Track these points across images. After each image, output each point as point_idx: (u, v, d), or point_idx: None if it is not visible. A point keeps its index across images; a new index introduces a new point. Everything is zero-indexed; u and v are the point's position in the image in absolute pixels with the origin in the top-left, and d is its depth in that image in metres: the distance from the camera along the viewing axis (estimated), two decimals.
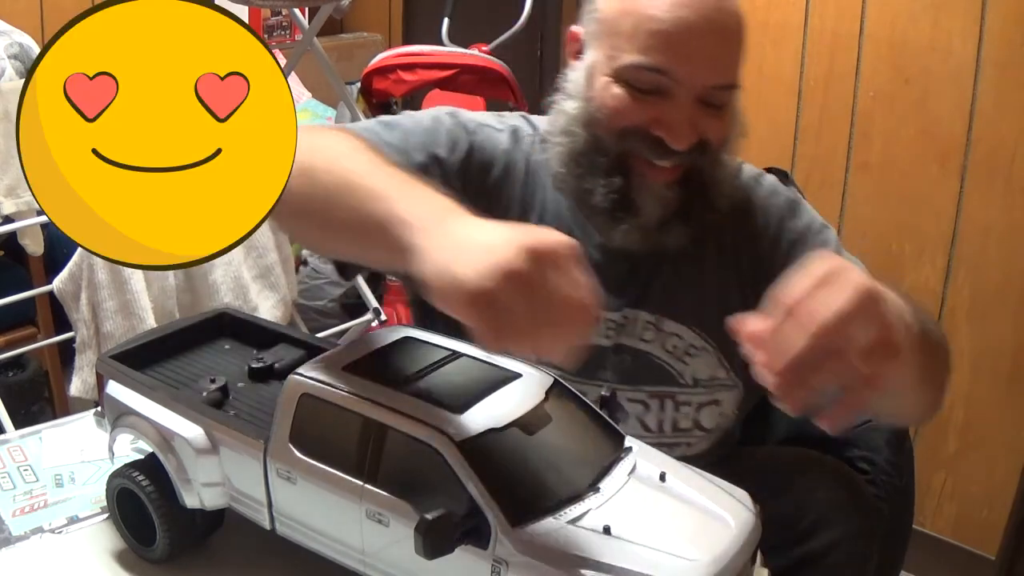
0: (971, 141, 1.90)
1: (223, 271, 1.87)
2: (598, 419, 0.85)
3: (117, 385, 0.95)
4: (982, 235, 1.93)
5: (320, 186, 0.89)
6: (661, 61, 1.02)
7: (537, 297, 0.69)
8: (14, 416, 1.65)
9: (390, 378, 0.81)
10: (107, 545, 0.95)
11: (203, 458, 0.88)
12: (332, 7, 2.04)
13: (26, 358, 2.37)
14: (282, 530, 0.86)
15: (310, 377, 0.82)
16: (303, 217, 0.91)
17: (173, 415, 0.90)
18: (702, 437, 1.16)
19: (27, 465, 1.11)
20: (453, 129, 1.14)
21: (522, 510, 0.73)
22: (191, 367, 1.01)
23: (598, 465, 0.80)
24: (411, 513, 0.74)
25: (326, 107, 3.21)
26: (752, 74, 2.18)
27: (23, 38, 1.86)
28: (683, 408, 1.15)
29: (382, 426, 0.77)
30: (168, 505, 0.89)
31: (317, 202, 0.89)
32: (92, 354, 1.76)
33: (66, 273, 1.77)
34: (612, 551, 0.71)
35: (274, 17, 3.46)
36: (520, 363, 0.86)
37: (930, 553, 2.01)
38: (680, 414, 1.15)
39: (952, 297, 1.98)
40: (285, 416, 0.83)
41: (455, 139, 1.13)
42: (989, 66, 1.86)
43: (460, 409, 0.77)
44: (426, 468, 0.75)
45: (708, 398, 1.15)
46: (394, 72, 2.69)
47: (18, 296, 1.84)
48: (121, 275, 1.72)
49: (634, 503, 0.77)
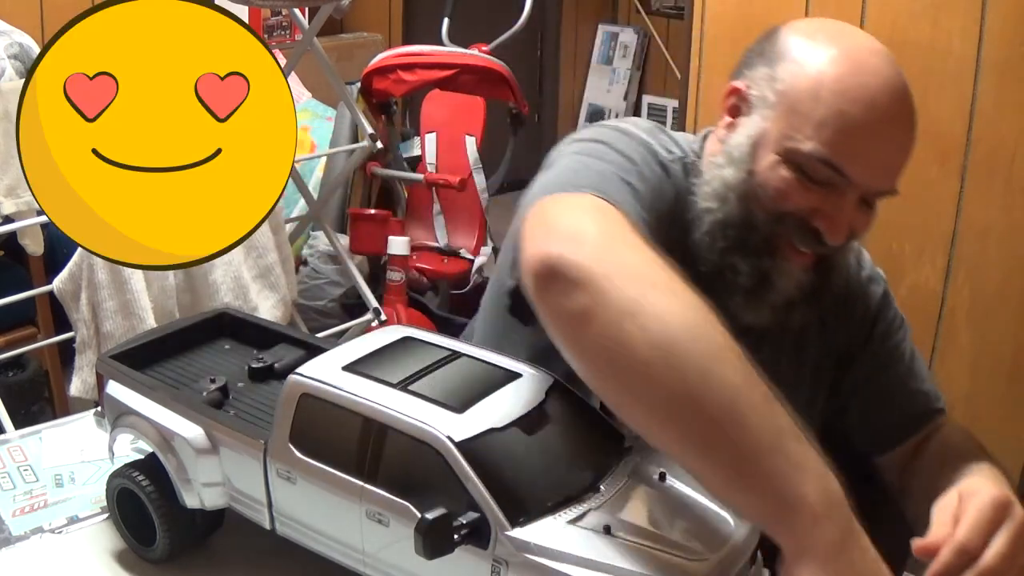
0: (971, 141, 1.90)
1: (223, 271, 1.87)
2: (598, 419, 0.85)
3: (117, 385, 0.95)
4: (982, 235, 1.93)
5: (687, 391, 0.73)
6: (843, 161, 0.99)
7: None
8: (14, 416, 1.65)
9: (390, 378, 0.81)
10: (107, 545, 0.95)
11: (203, 458, 0.88)
12: (332, 7, 2.04)
13: (26, 358, 2.37)
14: (282, 530, 0.86)
15: (310, 377, 0.82)
16: (655, 409, 0.75)
17: (173, 415, 0.90)
18: None
19: (27, 465, 1.11)
20: (654, 181, 1.06)
21: (522, 510, 0.73)
22: (191, 367, 1.01)
23: (598, 465, 0.80)
24: (411, 513, 0.74)
25: (326, 107, 3.21)
26: None
27: (23, 38, 1.86)
28: None
29: (382, 426, 0.77)
30: (168, 505, 0.89)
31: (681, 407, 0.73)
32: (92, 354, 1.76)
33: (66, 273, 1.77)
34: (612, 551, 0.71)
35: (274, 17, 3.46)
36: (520, 363, 0.86)
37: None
38: None
39: (952, 297, 1.98)
40: (285, 416, 0.83)
41: (660, 189, 1.06)
42: (989, 66, 1.86)
43: (460, 409, 0.77)
44: (426, 468, 0.75)
45: None
46: (394, 72, 2.69)
47: (18, 296, 1.84)
48: (121, 275, 1.72)
49: (634, 503, 0.77)
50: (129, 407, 0.93)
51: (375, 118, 2.79)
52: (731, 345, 0.75)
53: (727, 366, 0.73)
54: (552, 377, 0.85)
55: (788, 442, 0.71)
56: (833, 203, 1.01)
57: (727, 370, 0.73)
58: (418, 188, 3.03)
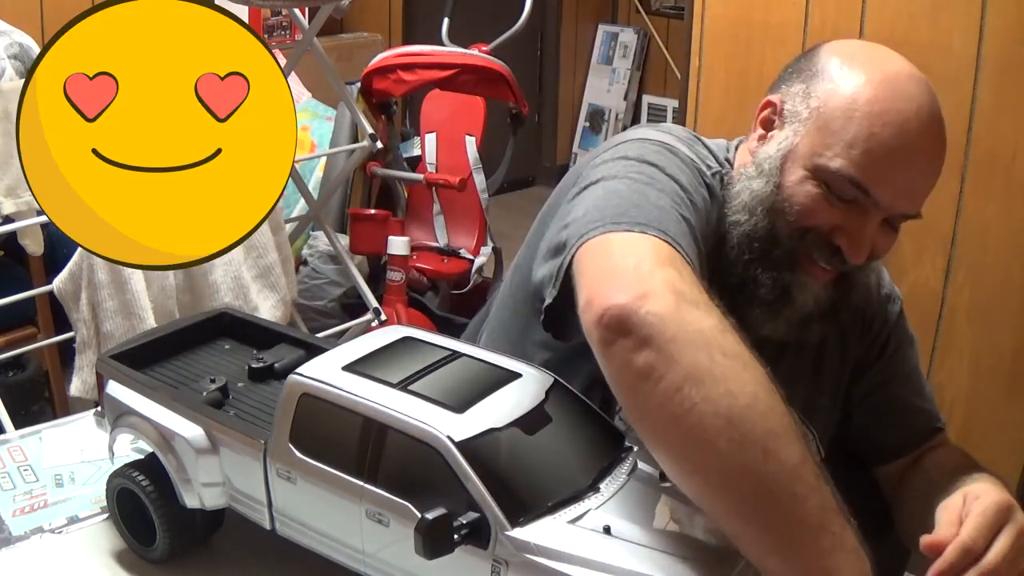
0: (971, 141, 1.90)
1: (223, 271, 1.87)
2: (598, 419, 0.85)
3: (117, 385, 0.95)
4: (982, 235, 1.93)
5: (748, 465, 0.74)
6: (871, 182, 1.00)
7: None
8: (14, 416, 1.65)
9: (390, 378, 0.81)
10: (107, 545, 0.95)
11: (203, 458, 0.88)
12: (332, 7, 2.04)
13: (26, 358, 2.37)
14: (282, 530, 0.86)
15: (310, 377, 0.82)
16: (711, 476, 0.75)
17: (173, 415, 0.90)
18: None
19: (27, 465, 1.11)
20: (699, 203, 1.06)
21: (522, 510, 0.73)
22: (191, 367, 1.01)
23: (598, 465, 0.80)
24: (411, 513, 0.74)
25: (326, 107, 3.21)
26: (752, 74, 2.18)
27: (23, 38, 1.86)
28: None
29: (382, 426, 0.77)
30: (168, 505, 0.89)
31: (740, 479, 0.74)
32: (92, 354, 1.76)
33: (66, 273, 1.77)
34: (612, 551, 0.71)
35: (274, 17, 3.46)
36: (520, 363, 0.86)
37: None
38: None
39: (952, 297, 1.98)
40: (285, 416, 0.83)
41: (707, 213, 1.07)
42: (989, 66, 1.86)
43: (460, 409, 0.77)
44: (426, 468, 0.75)
45: None
46: (394, 72, 2.69)
47: (18, 296, 1.84)
48: (121, 275, 1.72)
49: (634, 503, 0.77)
50: (129, 407, 0.93)
51: (375, 118, 2.79)
52: (791, 423, 0.76)
53: (788, 445, 0.75)
54: (552, 377, 0.85)
55: (833, 522, 0.74)
56: (856, 222, 1.02)
57: (788, 449, 0.74)
58: (418, 188, 3.03)
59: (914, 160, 1.01)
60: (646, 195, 0.97)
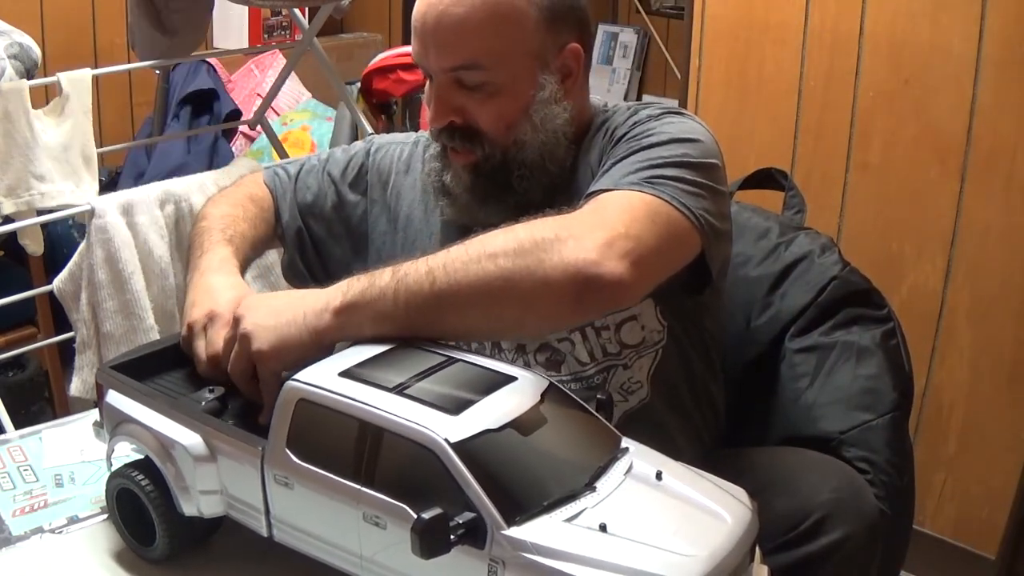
0: (971, 141, 1.90)
1: None
2: (594, 420, 0.85)
3: (116, 395, 0.95)
4: (982, 235, 1.93)
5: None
6: (416, 53, 1.18)
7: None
8: (14, 416, 1.65)
9: (386, 383, 0.81)
10: (107, 545, 0.95)
11: (201, 466, 0.88)
12: (332, 7, 2.04)
13: (26, 358, 2.37)
14: (280, 536, 0.86)
15: (306, 383, 0.82)
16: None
17: (171, 423, 0.90)
18: (633, 354, 1.19)
19: (27, 465, 1.11)
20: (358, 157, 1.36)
21: (518, 510, 0.73)
22: (191, 378, 1.01)
23: (594, 464, 0.80)
24: (408, 515, 0.74)
25: (326, 107, 3.21)
26: (752, 74, 2.18)
27: (23, 38, 1.85)
28: (603, 333, 1.18)
29: (378, 429, 0.77)
30: (168, 505, 0.89)
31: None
32: (92, 354, 1.76)
33: (66, 273, 1.77)
34: (608, 549, 0.71)
35: (274, 17, 3.46)
36: (515, 368, 0.86)
37: (930, 553, 2.01)
38: (603, 339, 1.18)
39: (952, 297, 1.98)
40: (282, 422, 0.83)
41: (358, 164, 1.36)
42: (989, 66, 1.86)
43: (455, 411, 0.77)
44: (422, 470, 0.75)
45: (622, 316, 1.18)
46: (394, 72, 2.69)
47: (18, 296, 1.84)
48: (121, 275, 1.72)
49: (630, 501, 0.77)
50: (128, 415, 0.93)
51: (375, 118, 2.79)
52: None
53: None
54: (547, 380, 0.85)
55: None
56: (430, 92, 1.19)
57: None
58: None
59: (430, 18, 1.15)
60: None
